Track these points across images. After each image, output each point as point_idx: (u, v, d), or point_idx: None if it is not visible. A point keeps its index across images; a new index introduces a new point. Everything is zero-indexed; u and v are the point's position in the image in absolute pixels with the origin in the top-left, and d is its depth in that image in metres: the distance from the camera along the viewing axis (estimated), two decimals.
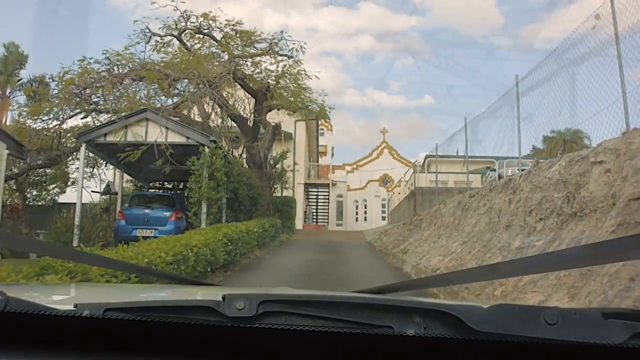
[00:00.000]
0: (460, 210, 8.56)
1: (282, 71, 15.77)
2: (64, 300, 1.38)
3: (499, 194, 7.27)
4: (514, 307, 0.79)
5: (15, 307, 0.79)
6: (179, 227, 11.18)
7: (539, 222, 5.38)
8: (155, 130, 11.64)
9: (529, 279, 4.33)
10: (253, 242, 10.90)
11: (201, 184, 11.28)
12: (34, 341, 0.82)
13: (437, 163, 14.83)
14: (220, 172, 11.37)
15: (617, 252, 0.90)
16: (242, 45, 14.54)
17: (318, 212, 30.43)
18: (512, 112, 9.20)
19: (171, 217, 12.03)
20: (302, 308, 0.81)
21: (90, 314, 0.79)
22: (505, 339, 0.74)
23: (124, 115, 11.98)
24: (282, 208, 18.40)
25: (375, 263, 10.31)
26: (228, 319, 0.78)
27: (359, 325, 0.78)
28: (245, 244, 9.90)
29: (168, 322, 0.78)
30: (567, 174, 5.09)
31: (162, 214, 12.11)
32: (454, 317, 0.77)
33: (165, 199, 12.21)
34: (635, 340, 0.73)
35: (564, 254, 1.05)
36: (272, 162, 18.93)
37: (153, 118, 11.82)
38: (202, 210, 11.36)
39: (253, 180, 14.48)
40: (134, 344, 0.82)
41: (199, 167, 11.23)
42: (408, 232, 12.04)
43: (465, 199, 8.66)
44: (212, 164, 11.36)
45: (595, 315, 0.77)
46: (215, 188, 11.55)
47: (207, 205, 11.37)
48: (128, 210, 12.24)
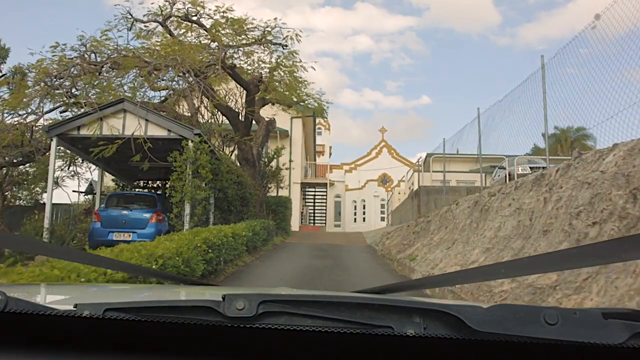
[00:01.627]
0: (478, 212, 7.26)
1: (277, 62, 14.27)
2: (64, 300, 1.35)
3: (528, 192, 5.94)
4: (514, 307, 0.78)
5: (15, 307, 0.79)
6: (160, 231, 10.31)
7: (591, 227, 4.53)
8: (133, 123, 10.73)
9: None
10: (241, 247, 10.14)
11: (184, 182, 10.34)
12: (34, 341, 0.82)
13: (444, 160, 13.44)
14: (205, 169, 10.50)
15: (618, 252, 0.88)
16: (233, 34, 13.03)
17: (315, 212, 29.04)
18: (532, 101, 7.96)
19: (151, 219, 11.09)
20: (302, 308, 0.81)
21: (90, 314, 0.79)
22: (505, 339, 0.73)
23: (99, 107, 10.36)
24: (277, 208, 17.11)
25: (379, 271, 9.05)
26: (228, 319, 0.78)
27: (359, 325, 0.77)
28: (232, 249, 9.21)
29: (168, 322, 0.78)
30: (630, 166, 4.31)
31: (141, 215, 11.15)
32: (454, 317, 0.76)
33: (146, 199, 10.99)
34: (635, 340, 0.73)
35: (564, 254, 1.02)
36: (266, 160, 17.41)
37: (131, 109, 10.90)
38: (185, 212, 10.46)
39: (244, 178, 13.15)
40: (133, 344, 0.82)
41: (182, 163, 10.32)
42: (414, 235, 10.72)
43: (484, 199, 7.36)
44: (196, 160, 10.41)
45: (595, 315, 0.76)
46: (200, 187, 10.69)
47: (190, 205, 10.43)
48: (104, 212, 11.40)
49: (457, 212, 8.92)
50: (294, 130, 24.04)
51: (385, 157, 37.19)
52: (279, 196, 19.46)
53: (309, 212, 29.63)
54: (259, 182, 16.14)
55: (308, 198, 29.62)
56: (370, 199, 34.95)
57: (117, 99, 11.20)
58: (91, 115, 10.98)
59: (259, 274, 8.55)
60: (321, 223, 29.22)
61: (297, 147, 24.24)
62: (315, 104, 18.22)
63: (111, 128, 10.82)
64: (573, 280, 3.95)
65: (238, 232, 9.55)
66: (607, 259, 1.01)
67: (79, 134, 11.09)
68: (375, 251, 13.57)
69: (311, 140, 28.25)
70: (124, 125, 11.01)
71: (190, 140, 10.65)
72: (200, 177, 10.40)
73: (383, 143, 38.04)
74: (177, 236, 6.86)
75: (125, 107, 11.06)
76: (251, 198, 14.09)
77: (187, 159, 10.36)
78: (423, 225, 11.27)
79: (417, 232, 11.38)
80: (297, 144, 24.25)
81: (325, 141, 41.34)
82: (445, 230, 9.10)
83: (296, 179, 24.20)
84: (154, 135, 10.97)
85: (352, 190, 35.86)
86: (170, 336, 0.81)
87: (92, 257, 2.14)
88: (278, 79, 16.03)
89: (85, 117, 11.02)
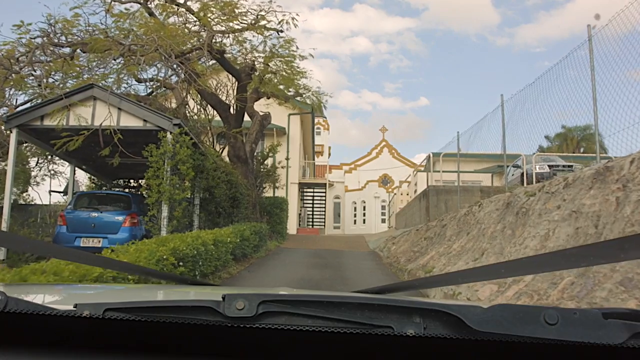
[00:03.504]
0: (513, 215, 5.79)
1: (271, 51, 12.66)
2: (64, 300, 1.35)
3: (587, 190, 4.41)
4: (514, 307, 0.78)
5: (15, 307, 0.80)
6: (135, 236, 9.10)
7: None
8: (104, 112, 9.47)
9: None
10: (226, 255, 9.00)
11: (161, 180, 9.13)
12: (34, 341, 0.84)
13: (458, 157, 11.97)
14: (186, 165, 9.35)
15: (617, 252, 0.88)
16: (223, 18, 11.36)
17: (314, 214, 27.34)
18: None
19: (125, 223, 9.84)
20: (302, 308, 0.81)
21: (90, 314, 0.80)
22: (505, 339, 0.74)
23: (65, 94, 9.99)
24: (272, 210, 15.64)
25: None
26: (228, 319, 0.79)
27: (359, 325, 0.78)
28: (214, 259, 8.10)
29: (168, 322, 0.79)
30: None
31: (113, 218, 9.89)
32: (454, 317, 0.77)
33: (120, 199, 9.69)
34: (635, 340, 0.74)
35: (564, 254, 0.99)
36: (260, 157, 15.73)
37: (102, 96, 9.69)
38: (163, 214, 9.34)
39: (235, 177, 11.67)
40: (133, 344, 0.84)
41: (158, 158, 9.20)
42: (426, 241, 9.22)
43: (519, 199, 5.92)
44: (175, 154, 9.23)
45: (595, 315, 0.76)
46: (181, 185, 9.59)
47: (169, 207, 9.25)
48: (71, 214, 10.17)
49: (482, 215, 7.43)
50: (292, 128, 22.71)
51: (386, 157, 35.90)
52: (275, 197, 18.00)
53: (307, 213, 28.13)
54: (252, 182, 14.47)
55: (306, 199, 28.12)
56: (370, 200, 33.61)
57: (86, 85, 9.82)
58: (56, 103, 9.46)
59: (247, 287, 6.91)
60: (320, 225, 27.73)
61: (294, 145, 22.79)
62: (314, 98, 16.59)
63: (79, 118, 9.72)
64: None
65: (222, 238, 8.11)
66: (607, 259, 0.98)
67: (43, 125, 10.29)
68: (380, 258, 12.07)
69: (309, 138, 26.84)
70: (93, 115, 9.88)
71: (169, 131, 9.00)
72: (180, 174, 8.76)
73: (384, 143, 36.71)
74: (137, 246, 5.22)
75: (95, 93, 10.11)
76: (243, 199, 12.59)
77: (165, 153, 8.74)
78: (437, 229, 9.74)
79: (430, 237, 9.85)
80: (294, 142, 22.81)
81: (324, 141, 40.31)
82: (467, 236, 7.61)
83: (294, 179, 22.74)
84: (128, 126, 10.02)
85: (352, 191, 34.62)
86: (170, 336, 0.82)
87: (92, 257, 2.18)
88: (273, 70, 14.39)
89: (49, 106, 9.88)
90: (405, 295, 1.76)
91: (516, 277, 4.78)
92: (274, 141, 19.98)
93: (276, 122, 21.60)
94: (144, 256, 5.22)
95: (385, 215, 32.95)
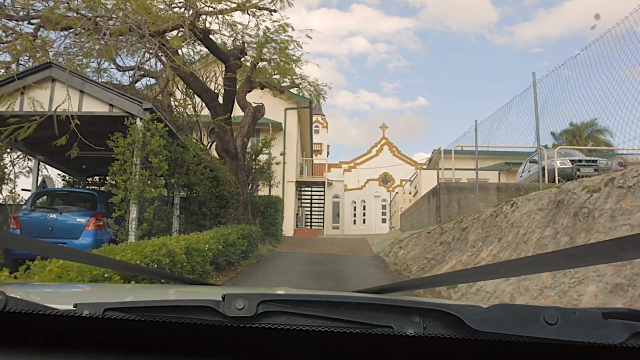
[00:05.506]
0: (569, 218, 4.49)
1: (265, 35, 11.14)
2: (64, 300, 1.34)
3: None
4: (514, 307, 0.78)
5: (15, 307, 0.80)
6: (101, 241, 8.13)
7: None
8: (65, 96, 8.07)
9: None
10: (205, 266, 7.60)
11: (129, 176, 7.74)
12: (34, 341, 0.84)
13: (476, 150, 10.55)
14: (158, 158, 7.88)
15: (617, 252, 0.87)
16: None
17: (312, 215, 25.72)
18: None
19: (88, 226, 8.40)
20: (302, 308, 0.81)
21: (90, 314, 0.80)
22: (505, 339, 0.74)
23: (17, 74, 8.49)
24: (266, 210, 13.82)
25: None
26: (228, 319, 0.79)
27: (359, 325, 0.78)
28: (186, 272, 6.75)
29: (168, 322, 0.79)
30: None
31: (75, 220, 8.51)
32: (454, 317, 0.77)
33: (84, 198, 8.43)
34: (635, 340, 0.73)
35: (564, 254, 0.97)
36: (253, 152, 14.11)
37: (62, 77, 8.26)
38: (131, 216, 7.88)
39: (223, 173, 9.99)
40: (133, 344, 0.84)
41: (125, 149, 7.76)
42: (442, 247, 7.90)
43: (576, 197, 4.20)
44: (146, 145, 7.89)
45: (595, 315, 0.76)
46: (153, 181, 8.16)
47: (138, 207, 7.87)
48: (26, 216, 8.86)
49: (518, 217, 6.04)
50: (289, 123, 21.44)
51: (386, 155, 34.67)
52: (269, 196, 16.26)
53: (305, 214, 26.68)
54: (244, 179, 12.88)
55: (304, 199, 26.66)
56: (371, 200, 32.34)
57: (42, 64, 8.40)
58: (7, 85, 7.78)
59: None
60: (319, 226, 26.34)
61: (292, 141, 21.45)
62: (311, 89, 15.05)
63: (34, 102, 8.45)
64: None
65: (199, 245, 6.60)
66: (606, 258, 0.98)
67: None
68: (386, 265, 10.63)
69: (308, 135, 25.51)
70: (52, 99, 8.50)
71: (139, 117, 7.37)
72: (150, 167, 7.20)
73: (384, 140, 35.46)
74: (57, 266, 3.61)
75: (53, 74, 8.81)
76: (232, 198, 11.16)
77: (134, 144, 7.15)
78: (455, 233, 8.31)
79: (447, 242, 8.42)
80: (291, 138, 21.45)
81: (323, 140, 38.67)
82: (499, 243, 6.19)
83: (291, 177, 21.37)
84: (93, 112, 8.68)
85: (352, 191, 33.40)
86: (170, 336, 0.83)
87: (92, 257, 2.05)
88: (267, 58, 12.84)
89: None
90: (405, 295, 1.75)
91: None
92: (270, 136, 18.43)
93: (272, 117, 20.16)
94: (71, 277, 3.66)
95: (386, 215, 31.70)
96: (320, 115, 40.48)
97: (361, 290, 1.56)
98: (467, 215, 9.32)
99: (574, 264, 0.99)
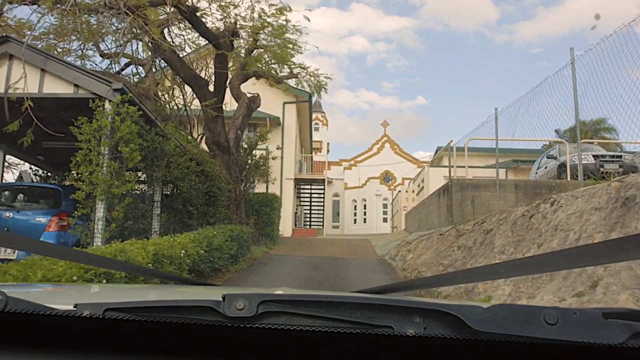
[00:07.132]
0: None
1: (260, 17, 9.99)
2: (64, 300, 1.29)
3: None
4: (514, 307, 0.78)
5: (15, 307, 0.80)
6: (65, 243, 7.07)
7: None
8: (21, 74, 6.95)
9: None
10: (182, 275, 6.20)
11: (94, 167, 6.56)
12: (34, 341, 0.84)
13: (497, 142, 9.54)
14: (129, 146, 6.72)
15: (617, 252, 0.86)
16: None
17: (312, 213, 24.52)
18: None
19: (49, 226, 7.26)
20: (302, 308, 0.81)
21: (90, 314, 0.79)
22: (505, 339, 0.73)
23: None
24: (261, 209, 12.51)
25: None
26: (228, 319, 0.79)
27: (359, 325, 0.78)
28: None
29: (168, 322, 0.79)
30: None
31: (34, 219, 7.41)
32: (454, 317, 0.77)
33: (46, 194, 7.37)
34: (635, 340, 0.73)
35: (564, 254, 0.96)
36: (247, 146, 12.90)
37: (20, 54, 7.07)
38: (97, 215, 6.69)
39: (212, 167, 8.71)
40: (133, 344, 0.84)
41: (90, 135, 6.58)
42: (461, 252, 6.88)
43: None
44: (115, 131, 6.74)
45: (595, 315, 0.75)
46: (123, 175, 6.94)
47: (105, 204, 6.67)
48: None
49: (563, 218, 5.12)
50: (287, 118, 20.46)
51: (387, 152, 33.63)
52: (265, 193, 15.07)
53: (304, 212, 25.55)
54: (236, 175, 11.65)
55: (303, 197, 25.47)
56: (371, 198, 31.29)
57: None
58: None
59: None
60: (318, 225, 25.25)
61: (290, 137, 20.40)
62: (311, 80, 13.87)
63: None
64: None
65: (172, 251, 5.37)
66: (606, 259, 0.95)
67: None
68: (393, 271, 9.57)
69: (307, 131, 24.43)
70: (8, 77, 7.27)
71: (108, 99, 6.12)
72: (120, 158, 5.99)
73: (385, 138, 34.43)
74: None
75: (10, 49, 7.48)
76: (222, 195, 10.05)
77: (101, 130, 5.87)
78: (476, 235, 7.19)
79: (467, 247, 7.29)
80: (290, 133, 20.41)
81: (323, 137, 37.58)
82: (539, 250, 5.13)
83: (289, 174, 20.31)
84: (54, 92, 7.46)
85: (352, 189, 32.34)
86: (170, 336, 0.83)
87: (92, 257, 2.03)
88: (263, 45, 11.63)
89: None
90: (405, 295, 1.68)
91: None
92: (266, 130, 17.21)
93: (270, 111, 18.96)
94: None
95: (387, 214, 30.53)
96: (320, 113, 39.48)
97: (361, 290, 1.55)
98: (489, 215, 8.28)
99: (574, 264, 0.98)
